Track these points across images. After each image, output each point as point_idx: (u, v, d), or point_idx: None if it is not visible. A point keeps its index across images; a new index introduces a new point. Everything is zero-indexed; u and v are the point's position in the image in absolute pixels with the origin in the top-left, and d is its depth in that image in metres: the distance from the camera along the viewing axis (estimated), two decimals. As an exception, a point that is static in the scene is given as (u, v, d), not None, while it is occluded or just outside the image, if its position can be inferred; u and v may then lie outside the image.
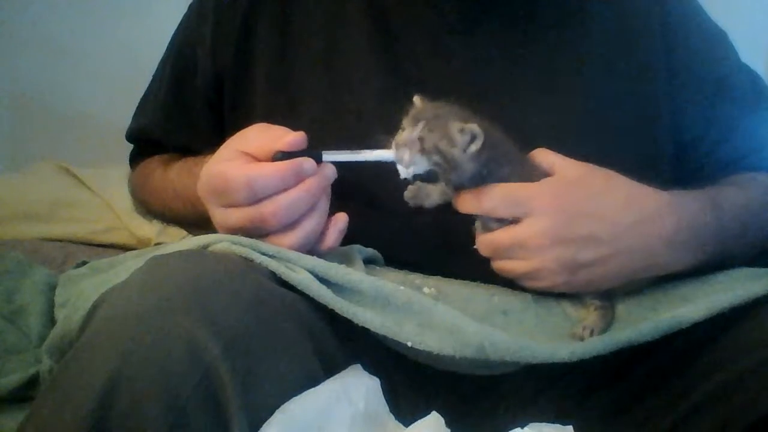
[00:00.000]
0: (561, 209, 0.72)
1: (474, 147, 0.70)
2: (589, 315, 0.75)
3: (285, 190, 0.72)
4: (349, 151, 0.75)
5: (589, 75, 0.86)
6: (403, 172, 0.71)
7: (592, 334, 0.71)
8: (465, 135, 0.70)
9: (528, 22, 0.87)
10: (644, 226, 0.74)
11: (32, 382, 0.91)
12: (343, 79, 0.86)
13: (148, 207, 1.02)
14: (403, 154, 0.70)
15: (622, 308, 0.76)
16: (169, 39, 1.00)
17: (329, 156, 0.74)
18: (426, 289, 0.77)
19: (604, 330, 0.73)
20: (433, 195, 0.77)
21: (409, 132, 0.71)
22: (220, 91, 0.92)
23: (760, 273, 0.75)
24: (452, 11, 0.87)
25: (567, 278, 0.73)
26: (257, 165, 0.73)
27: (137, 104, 1.04)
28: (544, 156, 0.76)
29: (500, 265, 0.75)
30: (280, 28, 0.89)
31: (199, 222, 0.87)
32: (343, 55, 0.87)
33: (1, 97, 1.94)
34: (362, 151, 0.74)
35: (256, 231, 0.73)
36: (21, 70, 1.93)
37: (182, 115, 0.96)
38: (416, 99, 0.73)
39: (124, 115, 1.05)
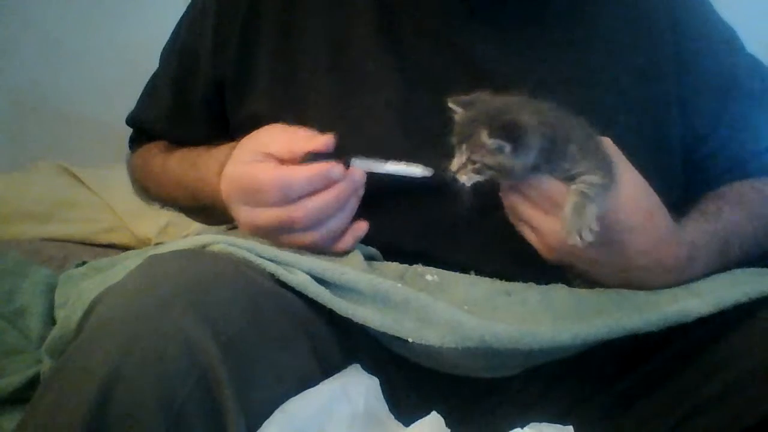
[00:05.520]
0: None
1: (508, 148, 0.68)
2: None
3: (314, 193, 0.74)
4: (376, 160, 0.77)
5: (597, 70, 0.85)
6: (466, 182, 0.71)
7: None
8: (495, 142, 0.68)
9: (539, 18, 0.86)
10: (643, 273, 0.74)
11: (33, 383, 0.90)
12: (351, 76, 0.85)
13: (147, 191, 1.03)
14: (461, 179, 0.70)
15: (626, 293, 0.75)
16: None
17: (358, 164, 0.77)
18: (429, 277, 0.77)
19: None
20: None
21: (458, 158, 0.70)
22: (220, 91, 0.91)
23: (765, 273, 0.75)
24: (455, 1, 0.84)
25: (561, 264, 0.75)
26: (289, 169, 0.75)
27: (142, 90, 1.03)
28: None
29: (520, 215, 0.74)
30: (282, 24, 0.87)
31: (198, 210, 0.93)
32: (350, 50, 0.85)
33: (1, 97, 1.93)
34: (391, 162, 0.77)
35: (283, 231, 0.76)
36: (21, 70, 1.92)
37: (182, 114, 0.96)
38: (451, 104, 0.73)
39: (123, 115, 1.04)
